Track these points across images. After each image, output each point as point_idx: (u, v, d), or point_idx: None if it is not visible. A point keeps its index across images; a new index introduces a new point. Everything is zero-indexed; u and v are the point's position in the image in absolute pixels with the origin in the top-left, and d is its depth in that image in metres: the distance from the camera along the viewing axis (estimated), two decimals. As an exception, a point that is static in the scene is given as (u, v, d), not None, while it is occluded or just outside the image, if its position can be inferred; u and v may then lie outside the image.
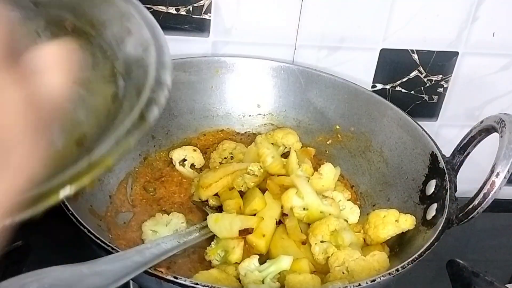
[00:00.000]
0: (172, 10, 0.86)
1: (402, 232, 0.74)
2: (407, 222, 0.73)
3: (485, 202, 0.65)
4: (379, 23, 0.90)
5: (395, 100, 0.89)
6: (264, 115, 0.93)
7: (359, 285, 0.58)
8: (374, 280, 0.59)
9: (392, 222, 0.74)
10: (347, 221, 0.77)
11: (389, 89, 0.96)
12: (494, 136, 0.68)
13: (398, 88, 0.96)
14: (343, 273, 0.68)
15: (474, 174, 0.73)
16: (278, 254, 0.70)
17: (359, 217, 0.79)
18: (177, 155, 0.87)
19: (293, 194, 0.75)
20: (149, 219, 0.76)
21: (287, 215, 0.75)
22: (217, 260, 0.71)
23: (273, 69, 0.91)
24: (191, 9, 0.87)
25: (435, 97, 0.98)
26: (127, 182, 0.82)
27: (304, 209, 0.74)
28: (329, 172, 0.78)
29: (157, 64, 0.44)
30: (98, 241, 0.59)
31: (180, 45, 0.89)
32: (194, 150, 0.87)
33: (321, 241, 0.71)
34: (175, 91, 0.89)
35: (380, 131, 0.86)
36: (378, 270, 0.67)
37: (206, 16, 0.88)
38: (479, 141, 0.73)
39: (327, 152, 0.91)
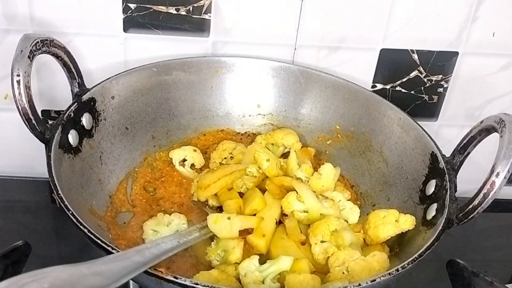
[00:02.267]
0: (172, 10, 0.86)
1: (402, 232, 0.74)
2: (407, 222, 0.73)
3: (485, 202, 0.65)
4: (379, 23, 0.90)
5: (395, 100, 0.89)
6: (264, 115, 0.93)
7: (359, 285, 0.58)
8: (374, 280, 0.59)
9: (392, 222, 0.74)
10: (347, 221, 0.77)
11: (389, 89, 0.96)
12: (494, 136, 0.68)
13: (398, 88, 0.96)
14: (343, 273, 0.68)
15: (474, 174, 0.73)
16: (278, 254, 0.70)
17: (359, 217, 0.78)
18: (177, 155, 0.87)
19: (294, 198, 0.75)
20: (151, 218, 0.76)
21: (287, 215, 0.75)
22: (217, 260, 0.71)
23: (273, 69, 0.91)
24: (191, 9, 0.87)
25: (435, 97, 0.98)
26: (127, 182, 0.82)
27: (304, 211, 0.74)
28: (329, 172, 0.78)
29: None
30: (98, 241, 0.59)
31: (180, 45, 0.89)
32: (194, 150, 0.87)
33: (321, 241, 0.71)
34: (175, 91, 0.89)
35: (380, 131, 0.86)
36: (378, 270, 0.67)
37: (206, 16, 0.88)
38: (479, 141, 0.73)
39: (327, 152, 0.91)
